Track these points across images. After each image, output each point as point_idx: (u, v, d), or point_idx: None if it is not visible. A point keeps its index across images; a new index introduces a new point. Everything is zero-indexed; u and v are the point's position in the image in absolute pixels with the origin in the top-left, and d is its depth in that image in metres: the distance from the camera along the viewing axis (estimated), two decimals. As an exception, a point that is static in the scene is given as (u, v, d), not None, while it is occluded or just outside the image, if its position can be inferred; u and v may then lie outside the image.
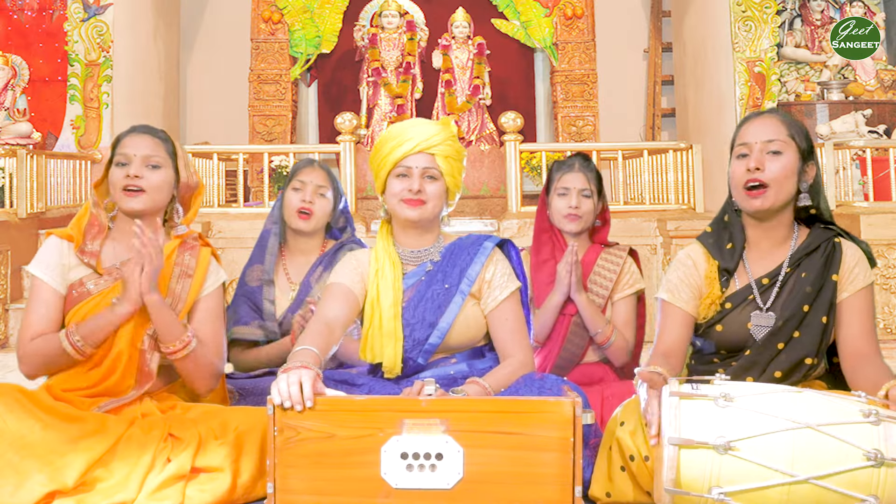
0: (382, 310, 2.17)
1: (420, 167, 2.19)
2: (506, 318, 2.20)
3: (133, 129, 2.34)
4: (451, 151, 2.23)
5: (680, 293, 2.18)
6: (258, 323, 2.74)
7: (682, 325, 2.16)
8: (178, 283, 2.26)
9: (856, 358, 2.05)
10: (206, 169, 6.05)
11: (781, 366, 2.08)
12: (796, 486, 1.65)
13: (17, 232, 5.27)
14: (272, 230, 2.87)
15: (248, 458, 2.02)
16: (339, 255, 2.82)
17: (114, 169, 2.27)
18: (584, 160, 2.82)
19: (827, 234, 2.14)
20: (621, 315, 2.72)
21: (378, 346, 2.17)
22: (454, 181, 2.25)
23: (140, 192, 2.23)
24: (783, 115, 2.17)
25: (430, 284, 2.20)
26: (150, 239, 2.10)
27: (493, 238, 2.28)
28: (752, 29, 6.73)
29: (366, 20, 8.31)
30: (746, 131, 2.13)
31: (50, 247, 2.26)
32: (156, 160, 2.26)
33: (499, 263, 2.24)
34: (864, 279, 2.11)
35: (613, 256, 2.77)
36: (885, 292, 4.88)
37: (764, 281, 2.13)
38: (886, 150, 5.37)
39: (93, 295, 2.21)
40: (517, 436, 1.75)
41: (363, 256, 2.27)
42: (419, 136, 2.20)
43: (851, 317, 2.08)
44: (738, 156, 2.13)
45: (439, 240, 2.28)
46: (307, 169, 2.88)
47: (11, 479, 1.89)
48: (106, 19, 6.78)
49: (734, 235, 2.18)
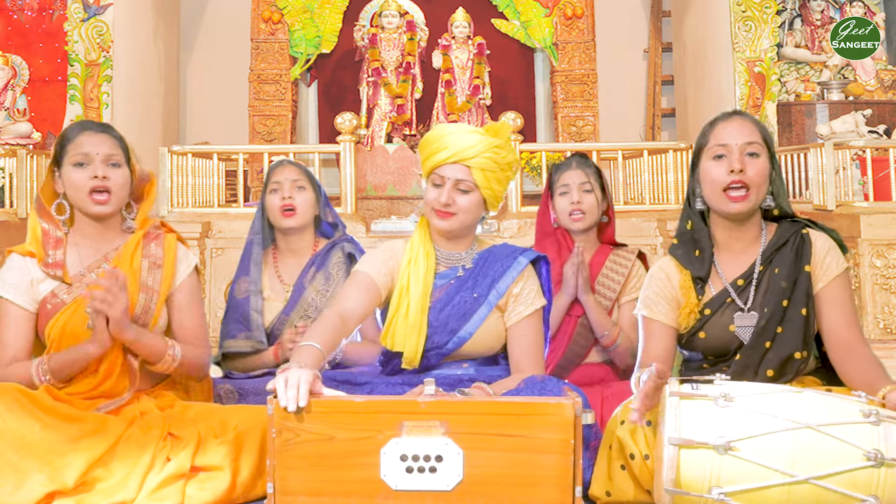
0: (411, 300, 2.15)
1: (453, 178, 2.13)
2: (525, 334, 2.19)
3: (85, 126, 2.25)
4: (490, 164, 2.13)
5: (658, 307, 2.18)
6: (245, 334, 2.74)
7: (664, 337, 2.16)
8: (150, 276, 2.23)
9: (842, 349, 2.05)
10: (206, 169, 6.05)
11: (772, 364, 2.08)
12: (796, 486, 1.65)
13: (17, 232, 5.26)
14: (254, 241, 2.86)
15: (248, 456, 2.02)
16: (332, 254, 2.82)
17: (70, 170, 2.18)
18: (581, 158, 2.83)
19: (794, 227, 2.14)
20: (628, 318, 2.71)
21: (401, 336, 2.15)
22: (493, 193, 2.17)
23: (107, 193, 2.18)
24: (752, 117, 2.17)
25: (458, 290, 2.19)
26: (107, 287, 2.03)
27: (528, 253, 2.25)
28: (752, 29, 6.73)
29: (366, 20, 8.30)
30: (723, 132, 2.11)
31: (13, 265, 2.21)
32: (115, 159, 2.20)
33: (529, 279, 2.22)
34: (838, 267, 2.11)
35: (622, 259, 2.77)
36: (884, 292, 4.87)
37: (739, 282, 2.13)
38: (886, 150, 5.36)
39: (67, 304, 2.18)
40: (517, 437, 1.74)
41: (398, 246, 2.24)
42: (455, 146, 2.13)
43: (832, 307, 2.08)
44: (714, 157, 2.11)
45: (473, 246, 2.26)
46: (278, 168, 2.88)
47: (11, 478, 1.89)
48: (106, 19, 6.78)
49: (700, 242, 2.17)
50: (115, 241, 2.26)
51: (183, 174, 5.70)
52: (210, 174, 6.00)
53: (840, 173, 5.23)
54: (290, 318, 2.74)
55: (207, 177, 6.02)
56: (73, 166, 2.19)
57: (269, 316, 2.77)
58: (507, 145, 2.19)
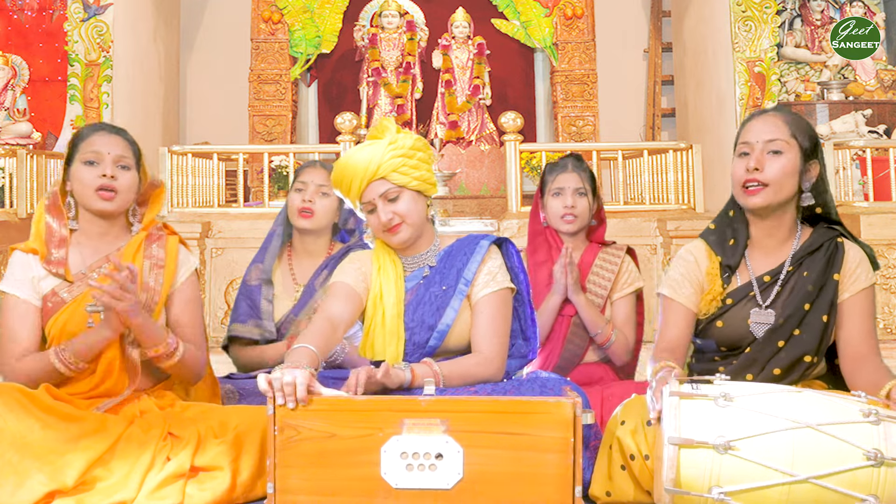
0: (385, 307, 2.16)
1: (378, 195, 2.13)
2: (480, 311, 2.15)
3: (99, 126, 2.29)
4: (397, 162, 2.12)
5: (682, 289, 2.18)
6: (255, 322, 2.75)
7: (683, 320, 2.16)
8: (151, 276, 2.25)
9: (855, 360, 2.05)
10: (206, 169, 6.05)
11: (781, 363, 2.08)
12: (796, 485, 1.65)
13: (17, 232, 5.26)
14: (276, 231, 2.89)
15: (248, 456, 2.02)
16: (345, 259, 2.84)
17: (80, 167, 2.21)
18: (576, 160, 2.83)
19: (830, 234, 2.14)
20: (621, 314, 2.72)
21: (380, 345, 2.16)
22: (420, 180, 2.16)
23: (114, 192, 2.20)
24: (787, 114, 2.16)
25: (428, 287, 2.19)
26: (120, 281, 2.04)
27: (489, 237, 2.24)
28: (752, 29, 6.73)
29: (366, 20, 8.31)
30: (749, 130, 2.13)
31: (16, 262, 2.23)
32: (125, 161, 2.23)
33: (488, 261, 2.20)
34: (866, 280, 2.11)
35: (611, 256, 2.77)
36: (884, 292, 4.88)
37: (765, 278, 2.14)
38: (886, 150, 5.37)
39: (67, 303, 2.19)
40: (517, 436, 1.75)
41: (365, 256, 2.26)
42: (358, 170, 2.12)
43: (852, 318, 2.08)
44: (739, 154, 2.13)
45: (434, 242, 2.26)
46: (308, 169, 2.90)
47: (11, 478, 1.89)
48: (106, 19, 6.78)
49: (737, 231, 2.18)
50: (118, 242, 2.27)
51: (183, 174, 5.70)
52: (210, 174, 6.01)
53: (840, 173, 5.23)
54: (299, 319, 2.75)
55: (207, 177, 6.02)
56: (84, 164, 2.21)
57: (277, 314, 2.78)
58: (396, 134, 2.16)
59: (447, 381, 2.03)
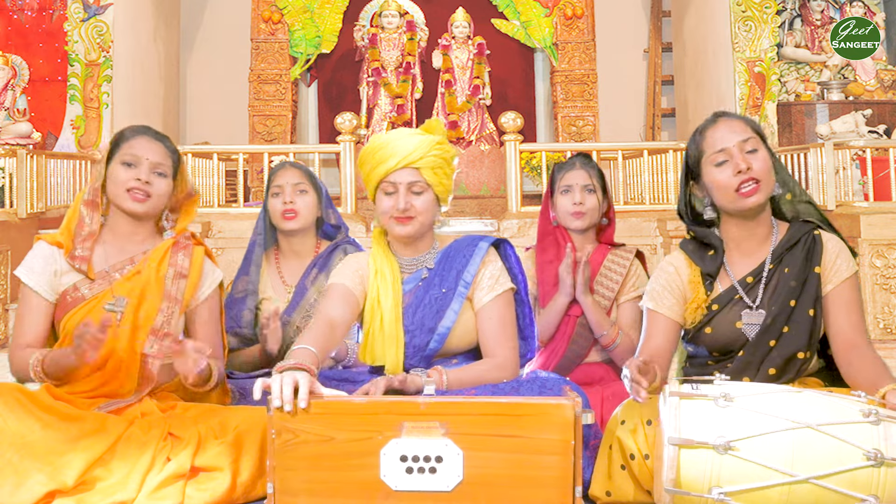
0: (384, 311, 2.16)
1: (406, 182, 2.15)
2: (489, 317, 2.17)
3: (143, 130, 2.31)
4: (437, 162, 2.17)
5: (663, 300, 2.18)
6: (234, 330, 2.75)
7: (666, 331, 2.17)
8: (174, 285, 2.25)
9: (848, 350, 2.05)
10: (206, 169, 6.06)
11: (774, 362, 2.08)
12: (796, 485, 1.65)
13: (17, 232, 5.27)
14: (257, 241, 2.88)
15: (248, 457, 2.02)
16: (334, 256, 2.83)
17: (118, 167, 2.23)
18: (584, 158, 2.84)
19: (806, 228, 2.15)
20: (627, 317, 2.71)
21: (379, 349, 2.16)
22: (443, 188, 2.20)
23: (146, 196, 2.22)
24: (737, 115, 2.18)
25: (427, 289, 2.19)
26: (198, 349, 2.05)
27: (487, 238, 2.25)
28: (752, 29, 6.74)
29: (366, 20, 8.31)
30: (716, 137, 2.12)
31: (39, 253, 2.24)
32: (162, 168, 2.25)
33: (490, 264, 2.21)
34: (848, 270, 2.11)
35: (620, 258, 2.76)
36: (884, 292, 4.88)
37: (748, 279, 2.14)
38: (886, 150, 5.37)
39: (87, 300, 2.20)
40: (517, 438, 1.74)
41: (362, 258, 2.26)
42: (401, 151, 2.14)
43: (839, 308, 2.09)
44: (716, 164, 2.11)
45: (434, 246, 2.26)
46: (281, 171, 2.89)
47: (11, 478, 1.89)
48: (106, 19, 6.78)
49: (712, 244, 2.18)
50: (144, 245, 2.28)
51: (183, 174, 5.70)
52: (210, 174, 6.01)
53: (840, 173, 5.23)
54: (291, 319, 2.74)
55: (207, 177, 6.02)
56: (121, 164, 2.23)
57: (256, 320, 2.78)
58: (445, 141, 2.23)
59: (451, 387, 2.04)
